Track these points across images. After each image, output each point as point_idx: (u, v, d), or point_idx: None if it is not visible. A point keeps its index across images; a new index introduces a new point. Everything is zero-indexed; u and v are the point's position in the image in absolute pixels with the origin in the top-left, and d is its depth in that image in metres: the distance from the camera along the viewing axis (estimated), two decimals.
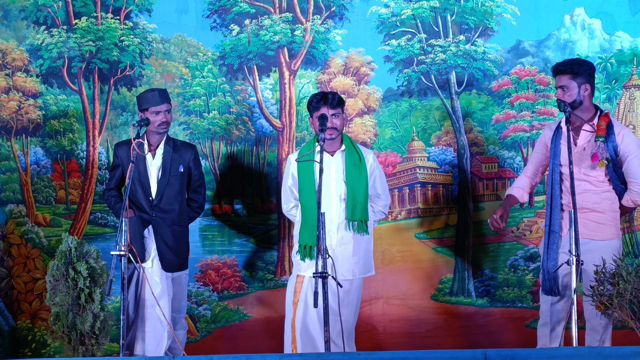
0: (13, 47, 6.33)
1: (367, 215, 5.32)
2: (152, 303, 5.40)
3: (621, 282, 4.62)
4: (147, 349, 5.43)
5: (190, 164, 5.64)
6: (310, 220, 5.23)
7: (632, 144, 5.12)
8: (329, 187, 5.29)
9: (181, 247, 5.60)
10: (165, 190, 5.54)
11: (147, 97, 5.51)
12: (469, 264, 6.30)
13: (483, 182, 6.31)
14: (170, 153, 5.57)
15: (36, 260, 6.34)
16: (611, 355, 3.99)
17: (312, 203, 5.23)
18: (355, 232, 5.28)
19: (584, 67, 5.13)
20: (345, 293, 5.22)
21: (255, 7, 6.32)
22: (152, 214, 5.52)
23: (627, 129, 5.24)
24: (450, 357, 4.11)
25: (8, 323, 6.30)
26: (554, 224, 5.19)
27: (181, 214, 5.60)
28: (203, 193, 5.78)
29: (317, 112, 5.24)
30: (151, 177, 5.57)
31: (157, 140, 5.59)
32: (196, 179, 5.70)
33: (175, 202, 5.56)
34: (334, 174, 5.32)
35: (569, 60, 5.22)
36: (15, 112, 6.34)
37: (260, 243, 6.38)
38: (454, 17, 6.25)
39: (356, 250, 5.30)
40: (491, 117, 6.29)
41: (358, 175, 5.29)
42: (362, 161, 5.33)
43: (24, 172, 6.35)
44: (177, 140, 5.72)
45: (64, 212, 6.36)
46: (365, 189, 5.30)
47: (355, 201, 5.27)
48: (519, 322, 6.26)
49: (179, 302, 5.66)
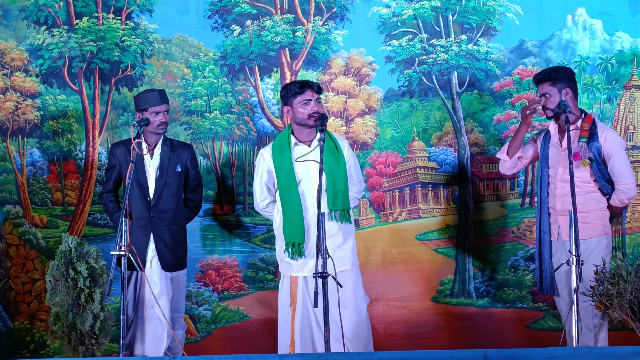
0: (12, 46, 6.32)
1: (348, 204, 5.22)
2: (152, 303, 5.40)
3: (621, 282, 4.63)
4: (147, 349, 5.42)
5: (187, 163, 5.64)
6: (293, 216, 5.15)
7: (615, 143, 5.25)
8: (309, 180, 5.18)
9: (179, 247, 5.61)
10: (163, 190, 5.54)
11: (146, 97, 5.51)
12: (470, 265, 6.29)
13: (484, 183, 6.31)
14: (168, 153, 5.58)
15: (34, 261, 6.33)
16: (611, 355, 3.99)
17: (294, 199, 5.15)
18: (339, 222, 5.17)
19: (561, 72, 5.32)
20: (347, 286, 5.14)
21: (256, 8, 6.32)
22: (150, 214, 5.52)
23: (611, 129, 5.39)
24: (450, 357, 4.11)
25: (5, 324, 6.28)
26: (544, 225, 5.34)
27: (178, 213, 5.61)
28: (200, 193, 5.79)
29: (301, 96, 5.15)
30: (149, 177, 5.57)
31: (155, 141, 5.59)
32: (193, 178, 5.70)
33: (172, 201, 5.56)
34: (312, 165, 5.19)
35: (547, 69, 5.44)
36: (11, 113, 6.34)
37: (261, 243, 6.37)
38: (456, 17, 6.26)
39: (345, 240, 5.21)
40: (492, 118, 6.29)
41: (337, 164, 5.18)
42: (339, 149, 5.22)
43: (20, 173, 6.34)
44: (174, 140, 5.73)
45: (60, 214, 6.35)
46: (344, 177, 5.20)
47: (336, 190, 5.15)
48: (519, 323, 6.26)
49: (178, 302, 5.66)
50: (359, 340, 5.16)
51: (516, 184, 6.28)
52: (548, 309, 6.23)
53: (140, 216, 5.54)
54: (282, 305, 5.28)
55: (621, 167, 5.22)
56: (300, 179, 5.18)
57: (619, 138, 5.34)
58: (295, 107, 5.18)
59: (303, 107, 5.15)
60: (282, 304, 5.29)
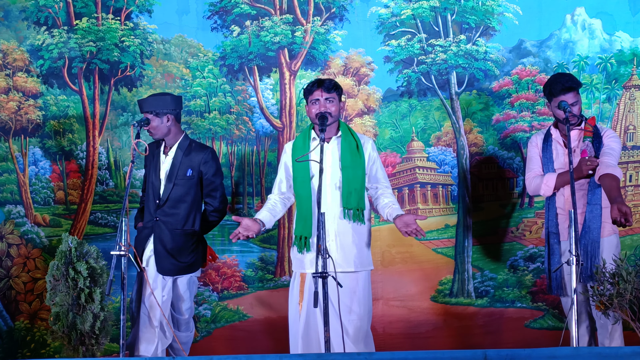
0: (14, 47, 6.33)
1: (363, 204, 5.13)
2: (148, 303, 5.39)
3: (621, 282, 4.62)
4: (140, 349, 5.40)
5: (201, 167, 5.52)
6: (304, 210, 5.12)
7: (613, 135, 5.25)
8: (323, 176, 5.02)
9: (183, 252, 5.47)
10: (171, 193, 5.48)
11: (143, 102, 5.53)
12: (469, 264, 6.29)
13: (482, 183, 6.31)
14: (180, 157, 5.51)
15: (37, 260, 6.33)
16: (611, 355, 3.98)
17: (306, 192, 5.11)
18: (352, 222, 5.11)
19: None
20: (352, 290, 5.08)
21: (256, 8, 6.33)
22: (155, 217, 5.47)
23: (611, 130, 5.38)
24: (450, 357, 4.10)
25: (6, 324, 6.29)
26: (552, 225, 5.28)
27: (187, 219, 5.49)
28: (219, 197, 5.60)
29: (310, 95, 5.14)
30: (161, 180, 5.53)
31: (171, 143, 5.56)
32: (208, 182, 5.55)
33: (180, 206, 5.48)
34: (329, 162, 5.14)
35: (570, 76, 5.29)
36: (14, 113, 6.35)
37: (261, 243, 6.38)
38: (455, 17, 6.26)
39: (355, 241, 5.12)
40: (491, 118, 6.29)
41: (354, 162, 5.13)
42: (360, 148, 5.17)
43: (22, 172, 6.35)
44: (193, 143, 5.61)
45: (63, 213, 6.36)
46: (361, 176, 5.14)
47: (350, 188, 5.09)
48: (518, 322, 6.26)
49: (178, 303, 5.58)
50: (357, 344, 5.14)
51: (515, 184, 6.29)
52: (547, 309, 6.23)
53: (149, 218, 5.51)
54: (292, 304, 5.21)
55: (610, 149, 5.16)
56: (313, 174, 5.15)
57: (618, 138, 5.31)
58: (308, 106, 5.19)
59: (312, 106, 5.14)
60: (292, 302, 5.22)
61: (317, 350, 5.05)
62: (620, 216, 4.84)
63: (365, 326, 5.14)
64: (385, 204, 5.15)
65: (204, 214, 5.60)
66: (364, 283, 5.14)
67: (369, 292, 5.19)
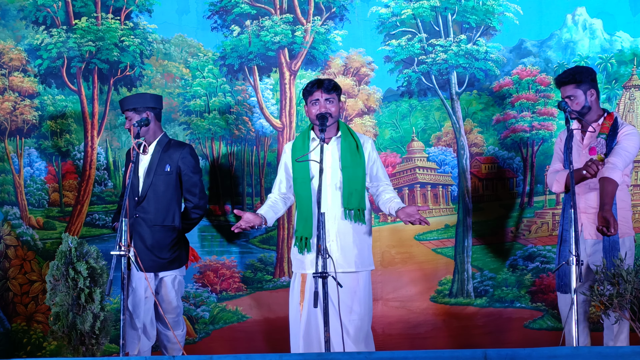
0: (10, 46, 6.31)
1: (364, 204, 5.15)
2: (131, 304, 5.41)
3: (621, 282, 4.63)
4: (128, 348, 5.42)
5: (179, 163, 5.57)
6: (304, 211, 5.13)
7: (631, 131, 5.17)
8: (323, 176, 5.06)
9: (164, 248, 5.52)
10: (149, 190, 5.53)
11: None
12: (469, 265, 6.29)
13: (483, 183, 6.32)
14: (159, 153, 5.56)
15: (32, 262, 6.31)
16: (611, 355, 3.97)
17: (306, 193, 5.12)
18: (353, 222, 5.12)
19: (585, 74, 5.23)
20: (353, 290, 5.09)
21: (256, 8, 6.33)
22: (135, 214, 5.51)
23: (631, 126, 5.28)
24: (450, 357, 4.09)
25: (3, 326, 6.27)
26: (566, 223, 5.22)
27: (167, 214, 5.54)
28: (198, 193, 5.63)
29: (310, 96, 5.15)
30: (140, 177, 5.57)
31: (151, 139, 5.61)
32: (187, 178, 5.60)
33: (159, 202, 5.53)
34: (329, 162, 5.16)
35: (570, 70, 5.31)
36: (9, 113, 6.32)
37: (259, 244, 6.37)
38: (455, 17, 6.27)
39: (356, 241, 5.13)
40: (492, 118, 6.29)
41: (354, 163, 5.14)
42: (360, 148, 5.18)
43: (18, 174, 6.33)
44: (172, 140, 5.69)
45: (57, 215, 6.33)
46: (362, 176, 5.16)
47: (351, 189, 5.11)
48: (517, 322, 6.26)
49: (168, 303, 5.59)
50: (358, 344, 5.13)
51: (515, 184, 6.29)
52: (547, 309, 6.24)
53: (131, 215, 5.53)
54: (293, 304, 5.22)
55: (620, 149, 5.10)
56: (313, 175, 5.16)
57: (637, 136, 5.21)
58: (307, 107, 5.20)
59: (311, 106, 5.15)
60: (292, 302, 5.22)
61: (318, 350, 5.05)
62: (602, 224, 4.85)
63: (366, 326, 5.15)
64: (387, 199, 5.18)
65: (186, 212, 5.65)
66: (365, 283, 5.16)
67: (369, 292, 5.20)
